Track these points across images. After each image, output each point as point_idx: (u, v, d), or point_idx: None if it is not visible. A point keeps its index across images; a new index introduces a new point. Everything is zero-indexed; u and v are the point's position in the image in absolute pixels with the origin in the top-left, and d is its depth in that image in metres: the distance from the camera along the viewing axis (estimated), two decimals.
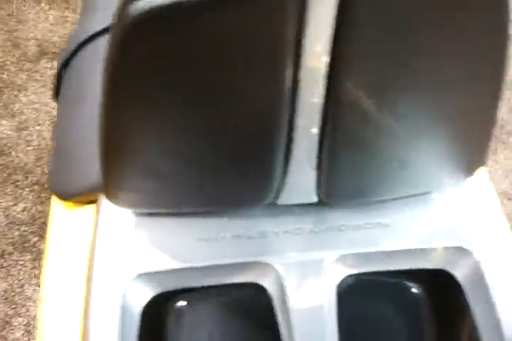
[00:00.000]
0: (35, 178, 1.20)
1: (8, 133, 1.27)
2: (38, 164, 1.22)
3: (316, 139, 0.32)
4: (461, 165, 0.37)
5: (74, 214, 0.44)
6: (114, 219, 0.39)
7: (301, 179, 0.34)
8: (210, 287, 0.38)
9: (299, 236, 0.37)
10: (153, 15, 0.25)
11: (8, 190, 1.17)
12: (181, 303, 0.41)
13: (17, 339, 0.95)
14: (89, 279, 0.37)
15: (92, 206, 0.42)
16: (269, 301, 0.36)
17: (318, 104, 0.30)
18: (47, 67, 1.43)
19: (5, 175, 1.19)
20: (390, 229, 0.39)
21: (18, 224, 1.12)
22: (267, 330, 0.37)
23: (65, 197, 0.45)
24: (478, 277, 0.35)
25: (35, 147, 1.25)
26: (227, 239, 0.37)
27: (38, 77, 1.40)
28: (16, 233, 1.11)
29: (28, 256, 1.08)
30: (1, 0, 1.59)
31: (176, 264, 0.37)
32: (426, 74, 0.30)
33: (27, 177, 1.20)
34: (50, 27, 1.54)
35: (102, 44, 0.31)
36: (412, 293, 0.41)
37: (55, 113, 1.30)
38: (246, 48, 0.27)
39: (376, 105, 0.30)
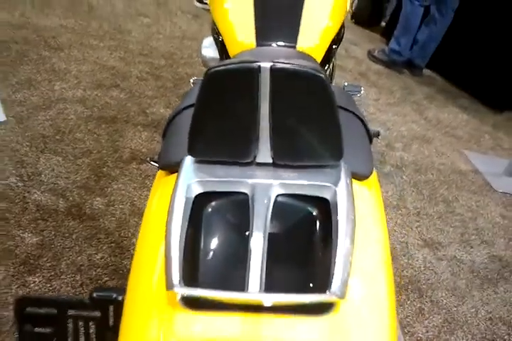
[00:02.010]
0: (113, 239, 1.63)
1: (100, 206, 1.74)
2: (117, 230, 1.66)
3: (268, 134, 0.69)
4: (330, 152, 0.71)
5: (169, 177, 0.83)
6: (185, 171, 0.73)
7: (265, 149, 0.72)
8: (222, 192, 0.72)
9: (264, 173, 0.72)
10: (215, 72, 0.69)
11: (93, 243, 1.60)
12: (208, 199, 0.74)
13: None
14: (173, 192, 0.70)
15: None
16: (248, 198, 0.69)
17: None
18: (134, 168, 1.96)
19: (93, 232, 1.63)
20: (308, 176, 0.72)
21: (96, 267, 1.52)
22: (245, 205, 0.71)
23: (163, 167, 0.85)
24: (337, 202, 0.67)
25: (117, 219, 1.71)
26: (233, 170, 0.72)
27: (127, 174, 1.92)
28: (94, 273, 1.50)
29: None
30: (109, 121, 2.21)
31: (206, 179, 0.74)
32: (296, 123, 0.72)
33: (107, 237, 1.63)
34: (142, 142, 2.12)
35: (188, 113, 0.74)
36: (310, 207, 0.74)
37: (135, 198, 1.79)
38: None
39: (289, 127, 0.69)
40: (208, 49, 1.52)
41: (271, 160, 0.72)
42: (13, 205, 1.64)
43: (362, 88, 1.54)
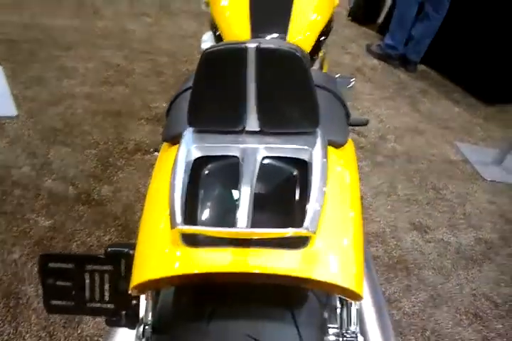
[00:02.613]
0: (120, 222, 1.76)
1: (107, 193, 1.88)
2: (124, 214, 1.79)
3: (255, 106, 0.82)
4: (308, 120, 0.83)
5: (172, 147, 0.95)
6: (186, 139, 0.85)
7: (252, 119, 0.85)
8: (216, 156, 0.84)
9: (252, 139, 0.84)
10: (209, 53, 0.82)
11: (101, 226, 1.73)
12: (205, 162, 0.85)
13: None
14: (176, 156, 0.82)
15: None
16: (238, 160, 0.80)
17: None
18: (139, 158, 2.09)
19: (101, 217, 1.76)
20: (289, 142, 0.83)
21: (104, 247, 1.65)
22: (236, 165, 0.80)
23: (166, 139, 0.98)
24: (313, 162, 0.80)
25: (123, 204, 1.84)
26: (226, 138, 0.84)
27: (132, 163, 2.06)
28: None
29: None
30: (114, 115, 2.34)
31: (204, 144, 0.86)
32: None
33: (114, 221, 1.76)
34: (145, 134, 2.26)
35: (187, 94, 0.89)
36: (290, 167, 0.85)
37: (140, 186, 1.92)
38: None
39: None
40: (207, 42, 1.65)
41: (258, 129, 0.85)
42: (26, 192, 1.78)
43: (353, 79, 1.66)
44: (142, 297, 0.91)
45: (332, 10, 1.57)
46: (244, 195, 0.74)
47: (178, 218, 0.71)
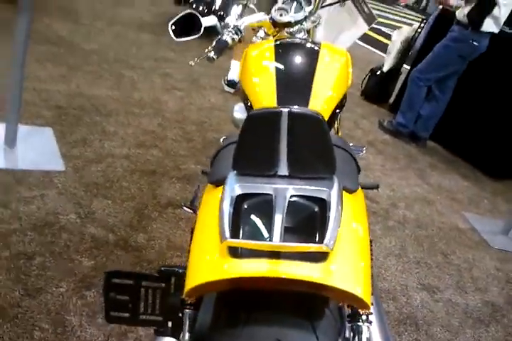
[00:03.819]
0: (153, 266, 1.93)
1: (142, 241, 2.07)
2: (157, 259, 1.97)
3: (286, 155, 1.07)
4: (327, 168, 1.06)
5: (215, 190, 1.16)
6: (230, 179, 1.06)
7: (283, 165, 1.05)
8: (254, 193, 1.03)
9: (283, 181, 1.02)
10: (253, 115, 1.06)
11: (137, 268, 1.90)
12: (245, 198, 1.04)
13: None
14: (223, 192, 1.02)
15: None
16: (272, 197, 0.98)
17: None
18: (170, 212, 2.31)
19: (136, 261, 1.94)
20: (312, 184, 1.04)
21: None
22: (270, 201, 0.98)
23: (212, 181, 1.19)
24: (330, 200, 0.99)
25: (156, 251, 2.02)
26: (262, 180, 1.03)
27: (164, 216, 2.27)
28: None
29: None
30: (149, 174, 2.58)
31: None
32: None
33: (148, 264, 1.93)
34: (176, 191, 2.49)
35: (227, 149, 1.12)
36: (312, 204, 1.03)
37: (170, 236, 2.12)
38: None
39: None
40: (238, 112, 1.93)
41: (287, 173, 1.05)
42: (72, 236, 1.98)
43: (364, 148, 1.90)
44: (186, 312, 1.08)
45: (346, 88, 1.84)
46: (277, 220, 0.94)
47: (227, 233, 0.91)
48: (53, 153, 2.51)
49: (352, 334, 1.11)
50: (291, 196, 1.02)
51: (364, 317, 1.11)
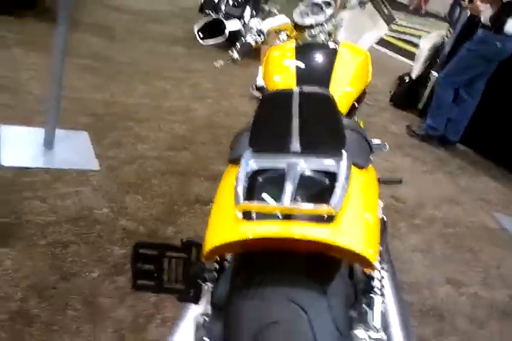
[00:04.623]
0: None
1: (170, 233, 2.17)
2: None
3: (298, 133, 1.17)
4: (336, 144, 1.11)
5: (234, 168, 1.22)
6: (247, 156, 1.14)
7: (295, 142, 1.12)
8: (270, 169, 1.11)
9: (295, 157, 1.09)
10: (267, 95, 1.15)
11: None
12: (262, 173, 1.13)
13: None
14: (240, 168, 1.08)
15: None
16: (285, 171, 1.06)
17: None
18: (198, 208, 2.41)
19: None
20: (322, 159, 1.11)
21: None
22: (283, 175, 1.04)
23: (231, 159, 1.26)
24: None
25: None
26: (276, 155, 1.11)
27: (192, 211, 2.37)
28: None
29: None
30: (179, 174, 2.69)
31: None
32: None
33: None
34: (204, 189, 2.59)
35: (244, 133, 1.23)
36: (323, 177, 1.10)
37: (197, 229, 2.21)
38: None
39: None
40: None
41: (299, 150, 1.12)
42: (105, 227, 2.09)
43: (386, 144, 1.96)
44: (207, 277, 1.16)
45: (365, 84, 1.89)
46: (288, 186, 1.01)
47: (241, 197, 0.99)
48: (89, 154, 2.66)
49: (367, 307, 1.16)
50: (302, 169, 1.09)
51: (377, 290, 1.17)
